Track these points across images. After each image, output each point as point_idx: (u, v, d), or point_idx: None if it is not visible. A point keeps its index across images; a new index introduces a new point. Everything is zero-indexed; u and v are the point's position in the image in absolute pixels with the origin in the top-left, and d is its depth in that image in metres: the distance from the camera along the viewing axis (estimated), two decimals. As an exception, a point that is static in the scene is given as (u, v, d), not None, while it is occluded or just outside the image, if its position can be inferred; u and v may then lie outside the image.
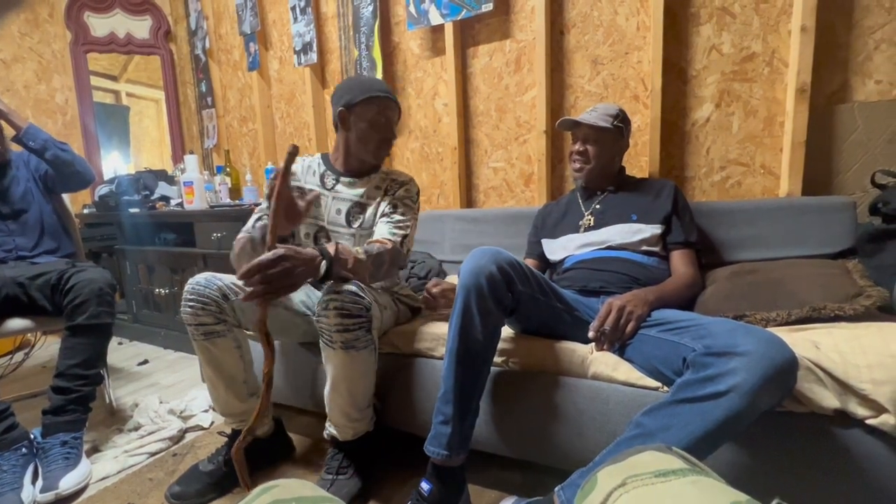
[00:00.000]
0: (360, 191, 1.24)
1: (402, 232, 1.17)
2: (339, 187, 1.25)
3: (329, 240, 1.24)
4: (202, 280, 1.08)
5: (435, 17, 1.85)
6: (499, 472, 1.14)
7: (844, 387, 0.77)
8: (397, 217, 1.19)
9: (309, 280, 0.93)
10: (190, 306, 1.05)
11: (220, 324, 1.07)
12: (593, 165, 1.28)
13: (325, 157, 1.30)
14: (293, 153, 0.90)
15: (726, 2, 1.43)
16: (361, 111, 1.17)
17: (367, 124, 1.17)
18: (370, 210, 1.23)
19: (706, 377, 0.73)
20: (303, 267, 0.89)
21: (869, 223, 1.24)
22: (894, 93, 1.30)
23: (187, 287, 1.07)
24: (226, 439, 1.19)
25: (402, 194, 1.23)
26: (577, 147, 1.29)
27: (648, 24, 1.53)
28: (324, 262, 0.93)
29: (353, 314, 0.97)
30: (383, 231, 1.16)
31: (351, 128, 1.19)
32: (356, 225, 1.23)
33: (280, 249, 0.87)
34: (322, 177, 1.27)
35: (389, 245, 1.10)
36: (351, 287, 0.98)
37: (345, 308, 0.96)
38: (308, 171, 1.28)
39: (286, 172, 0.91)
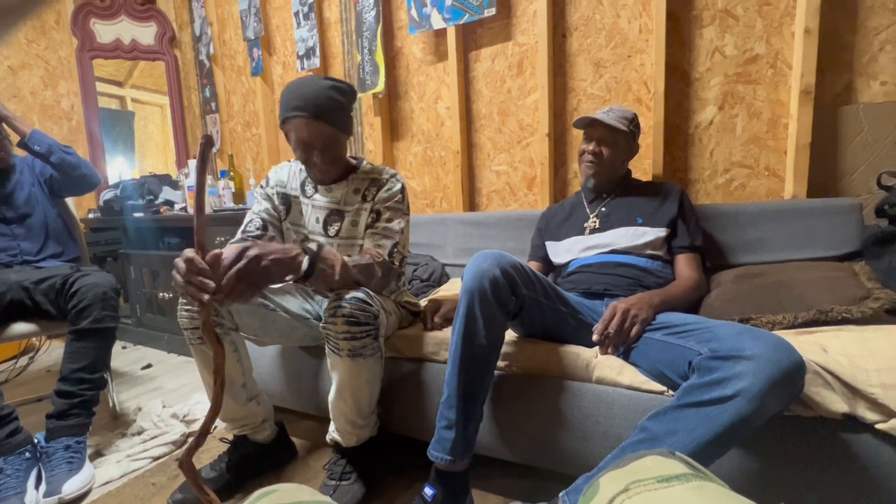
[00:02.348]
0: (336, 196, 1.19)
1: (389, 241, 1.12)
2: (317, 195, 1.21)
3: None
4: None
5: (437, 22, 1.86)
6: (503, 477, 1.13)
7: (853, 391, 0.76)
8: (382, 225, 1.14)
9: (288, 279, 0.90)
10: (186, 310, 1.05)
11: (216, 327, 1.06)
12: (605, 166, 1.27)
13: None
14: (207, 144, 0.73)
15: (729, 4, 1.43)
16: (286, 130, 1.10)
17: (293, 145, 1.11)
18: (348, 218, 1.18)
19: (712, 381, 0.72)
20: (275, 260, 0.84)
21: (875, 225, 1.22)
22: (900, 94, 1.30)
23: None
24: (227, 446, 1.18)
25: (384, 197, 1.16)
26: (591, 147, 1.28)
27: (651, 27, 1.53)
28: (306, 259, 0.90)
29: (360, 322, 0.96)
30: (368, 246, 1.12)
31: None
32: (332, 233, 1.19)
33: (247, 244, 0.82)
34: (303, 184, 1.24)
35: (380, 259, 1.08)
36: (359, 294, 0.97)
37: (353, 315, 0.95)
38: (294, 176, 1.25)
39: (202, 168, 0.73)
